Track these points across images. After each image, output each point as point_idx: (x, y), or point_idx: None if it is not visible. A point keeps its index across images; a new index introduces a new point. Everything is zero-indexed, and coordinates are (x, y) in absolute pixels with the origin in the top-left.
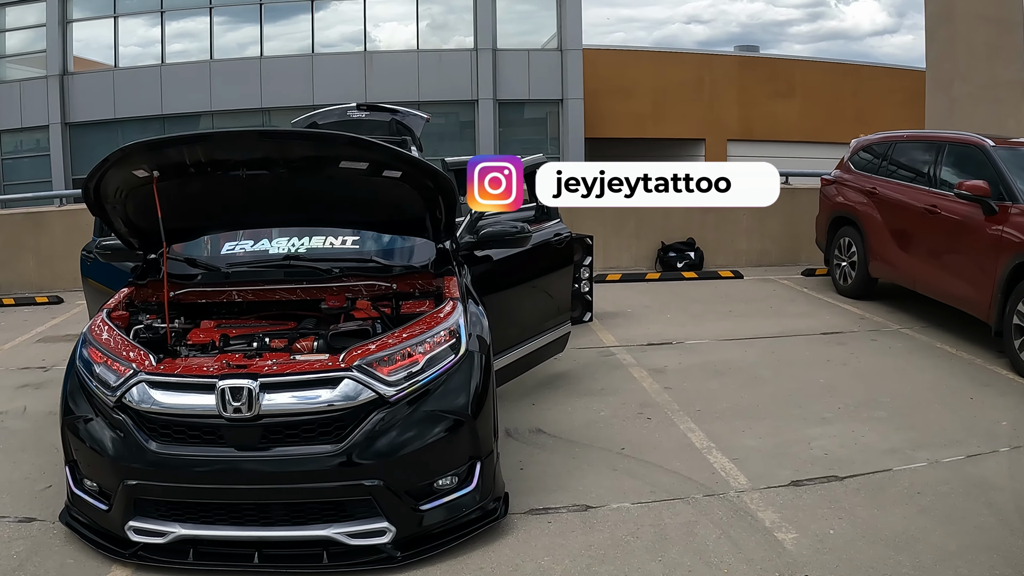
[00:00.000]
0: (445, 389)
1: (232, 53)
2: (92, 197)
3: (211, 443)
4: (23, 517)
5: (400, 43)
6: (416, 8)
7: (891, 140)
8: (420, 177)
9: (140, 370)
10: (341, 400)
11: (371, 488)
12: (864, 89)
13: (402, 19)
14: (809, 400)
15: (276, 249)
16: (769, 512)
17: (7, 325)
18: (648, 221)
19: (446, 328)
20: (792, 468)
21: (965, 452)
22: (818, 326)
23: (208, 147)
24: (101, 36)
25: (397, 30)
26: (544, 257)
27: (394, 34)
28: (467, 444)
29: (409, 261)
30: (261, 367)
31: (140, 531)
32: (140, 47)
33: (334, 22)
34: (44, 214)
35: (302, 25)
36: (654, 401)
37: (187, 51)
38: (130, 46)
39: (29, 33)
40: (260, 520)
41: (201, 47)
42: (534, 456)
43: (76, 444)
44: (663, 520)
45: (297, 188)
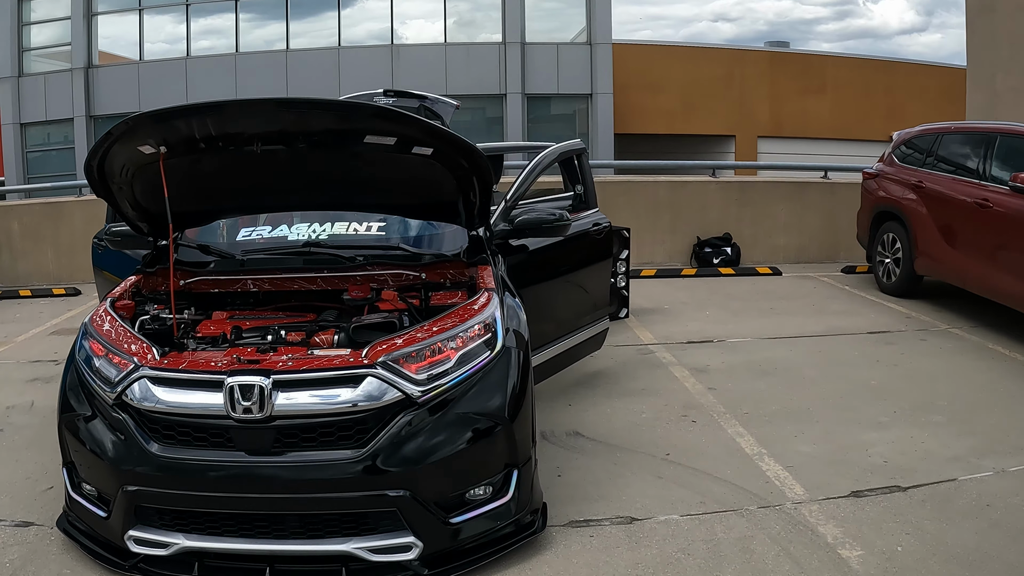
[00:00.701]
0: (479, 389)
1: (258, 48)
2: (96, 176)
3: (219, 446)
4: (21, 521)
5: (427, 37)
6: (444, 5)
7: (937, 132)
8: (454, 155)
9: (142, 364)
10: (363, 400)
11: (396, 499)
12: (896, 86)
13: (429, 16)
14: (862, 403)
15: (295, 235)
16: (830, 526)
17: (23, 317)
18: (684, 215)
19: (480, 321)
20: (851, 477)
21: None
22: (864, 325)
23: (220, 118)
24: (126, 33)
25: (424, 27)
26: (582, 248)
27: (421, 31)
28: (503, 450)
29: (439, 249)
30: (275, 363)
31: (141, 541)
32: (166, 43)
33: (361, 19)
34: (63, 204)
35: (329, 22)
36: (698, 403)
37: (213, 47)
38: (156, 43)
39: (54, 26)
40: (272, 532)
41: (227, 44)
42: (572, 461)
43: (74, 445)
44: (716, 535)
45: (317, 166)
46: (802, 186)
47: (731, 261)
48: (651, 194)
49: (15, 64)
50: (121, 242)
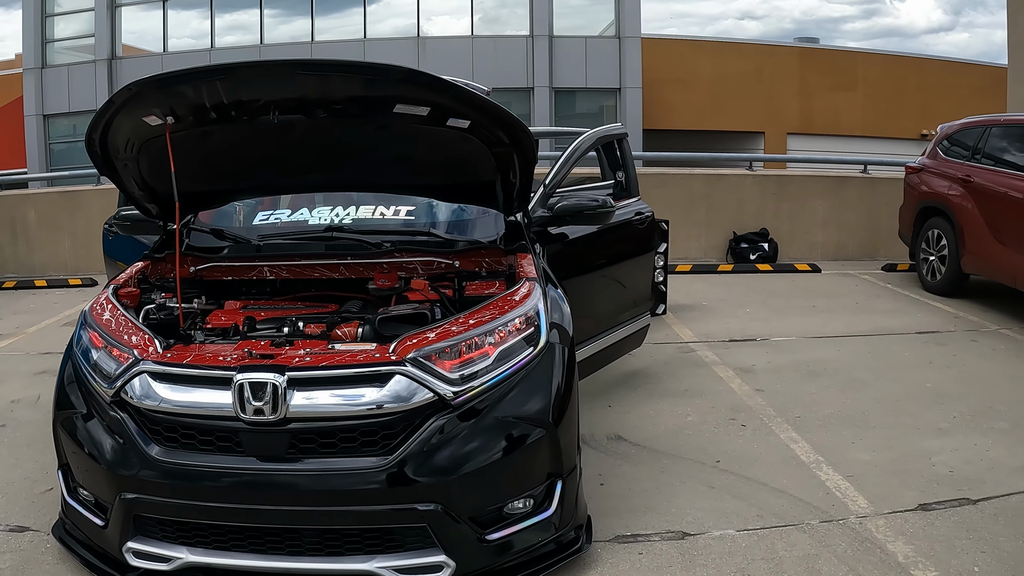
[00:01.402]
0: (520, 390)
1: (283, 41)
2: (99, 151)
3: (227, 451)
4: (15, 526)
5: (454, 29)
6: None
7: (986, 125)
8: (493, 128)
9: (142, 358)
10: (391, 401)
11: (426, 513)
12: (927, 83)
13: (455, 12)
14: (919, 407)
15: (317, 219)
16: (900, 543)
17: (36, 308)
18: (720, 209)
19: (522, 314)
20: (916, 488)
21: None
22: (911, 324)
23: (231, 83)
24: (150, 26)
25: (450, 22)
26: (624, 238)
27: (447, 25)
28: (546, 458)
29: (474, 235)
30: (290, 358)
31: (140, 554)
32: (190, 37)
33: (387, 14)
34: (80, 193)
35: (354, 17)
36: (746, 405)
37: (237, 41)
38: (182, 38)
39: (78, 18)
40: (286, 548)
41: (252, 37)
42: (616, 469)
43: (69, 446)
44: (777, 552)
45: (340, 140)
46: (842, 180)
47: (768, 257)
48: (686, 187)
49: (39, 55)
50: (131, 226)
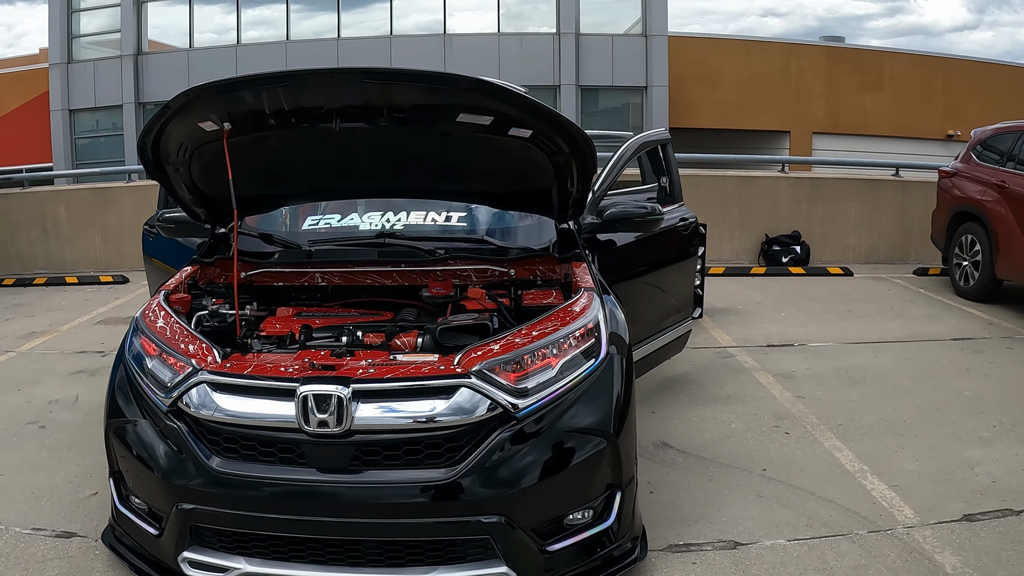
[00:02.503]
0: (583, 401)
1: (308, 37)
2: (150, 156)
3: (288, 463)
4: (62, 531)
5: (480, 27)
6: None
7: (1021, 130)
8: (555, 138)
9: (201, 367)
10: (456, 414)
11: (490, 525)
12: (955, 83)
13: (480, 8)
14: (960, 416)
15: (368, 225)
16: (947, 554)
17: (68, 305)
18: (753, 211)
19: (583, 325)
20: (961, 499)
21: None
22: (947, 331)
23: (294, 90)
24: (176, 21)
25: (473, 20)
26: (669, 244)
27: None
28: (607, 469)
29: (527, 242)
30: (354, 369)
31: (196, 564)
32: (216, 32)
33: (411, 10)
34: (111, 190)
35: (379, 13)
36: (789, 412)
37: (263, 36)
38: (205, 32)
39: (104, 13)
40: (347, 559)
41: (277, 33)
42: (664, 476)
43: (123, 454)
44: (828, 563)
45: (400, 147)
46: (875, 183)
47: (800, 260)
48: (720, 188)
49: (65, 51)
50: (174, 229)
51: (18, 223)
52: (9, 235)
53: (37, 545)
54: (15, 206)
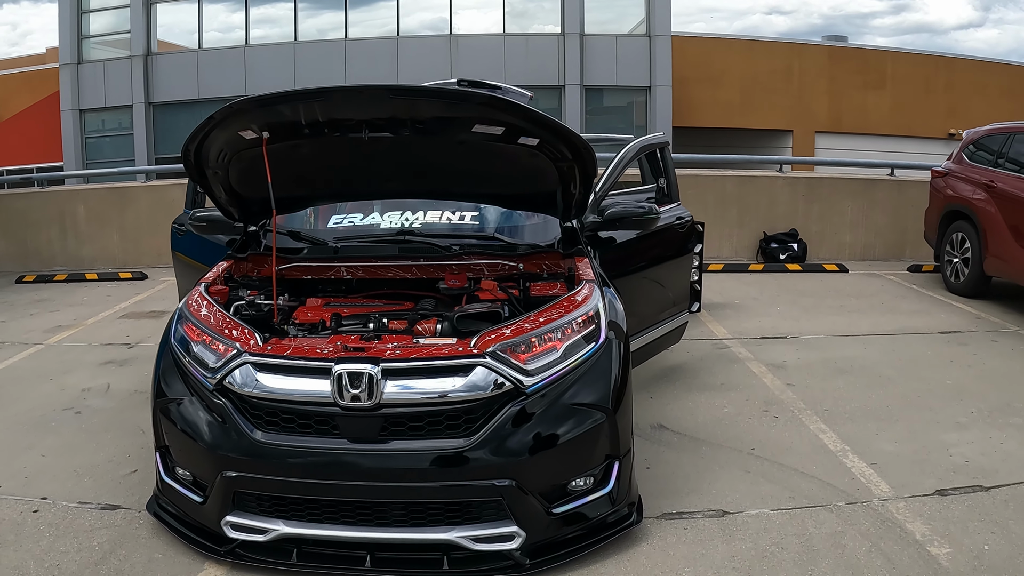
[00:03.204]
0: (584, 380)
1: (316, 37)
2: (192, 161)
3: (323, 434)
4: (107, 504)
5: (486, 27)
6: None
7: (1009, 132)
8: (559, 146)
9: (245, 350)
10: (473, 390)
11: (502, 488)
12: (957, 83)
13: (485, 7)
14: (940, 403)
15: (387, 224)
16: (918, 523)
17: (91, 300)
18: (751, 210)
19: (584, 313)
20: (935, 476)
21: None
22: (935, 324)
23: (329, 104)
24: (184, 21)
25: (479, 19)
26: (666, 242)
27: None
28: (606, 441)
29: (533, 239)
30: (382, 351)
31: (238, 527)
32: (223, 32)
33: (418, 9)
34: (130, 189)
35: (385, 11)
36: (778, 399)
37: (271, 36)
38: (212, 31)
39: (113, 14)
40: (374, 520)
41: (285, 32)
42: (660, 455)
43: (169, 429)
44: (807, 529)
45: (420, 154)
46: (870, 183)
47: (797, 257)
48: (719, 188)
49: (74, 51)
50: (206, 227)
51: (37, 222)
52: (28, 233)
53: (84, 516)
54: (34, 205)
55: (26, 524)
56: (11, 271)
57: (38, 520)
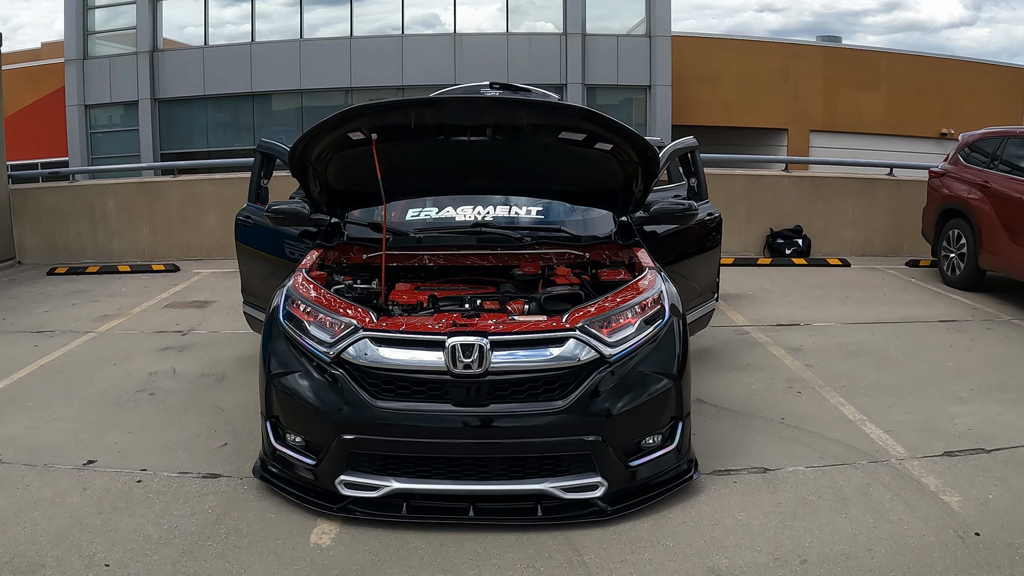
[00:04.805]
0: (654, 351)
1: (321, 35)
2: (299, 157)
3: (435, 399)
4: (207, 473)
5: (489, 26)
6: None
7: (1003, 135)
8: (630, 151)
9: (361, 326)
10: (567, 359)
11: (591, 443)
12: (950, 83)
13: (490, 2)
14: (943, 381)
15: (462, 217)
16: (931, 478)
17: (129, 291)
18: (759, 207)
19: (651, 295)
20: (943, 440)
21: None
22: (935, 314)
23: (440, 111)
24: (191, 17)
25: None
26: (699, 236)
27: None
28: (672, 404)
29: (594, 232)
30: (487, 326)
31: (352, 485)
32: (231, 28)
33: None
34: (159, 184)
35: (391, 5)
36: (800, 377)
37: (277, 33)
38: (220, 25)
39: (120, 10)
40: (478, 474)
41: (291, 30)
42: (703, 424)
43: (282, 399)
44: (838, 483)
45: (508, 155)
46: (871, 182)
47: (802, 252)
48: (729, 186)
49: (81, 47)
50: (283, 219)
51: (67, 215)
52: (58, 226)
53: (189, 485)
54: (63, 199)
55: (133, 493)
56: (42, 264)
57: (144, 489)
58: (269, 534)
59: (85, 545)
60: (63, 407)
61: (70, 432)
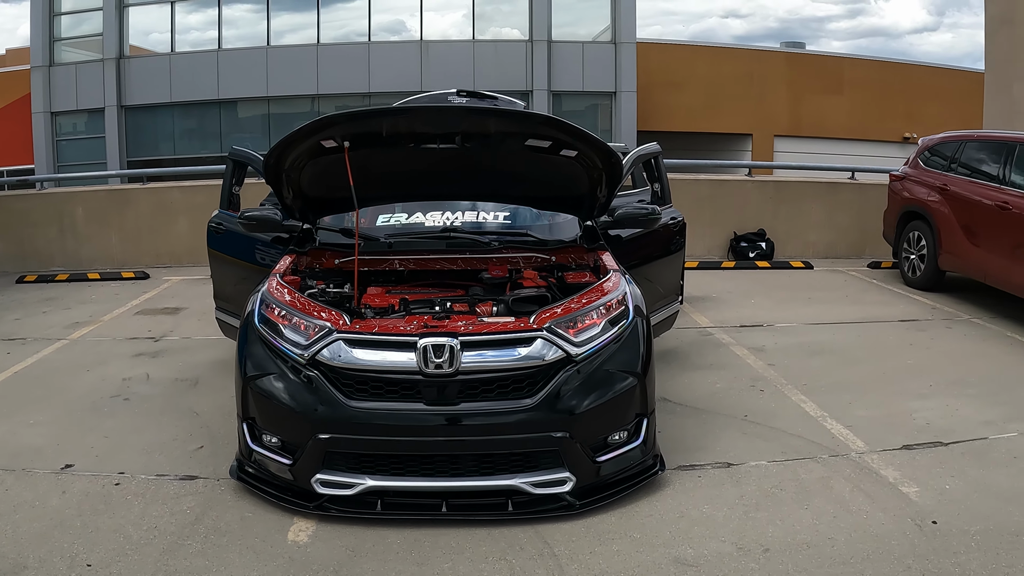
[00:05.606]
0: (619, 350)
1: (288, 42)
2: (273, 164)
3: (407, 398)
4: (184, 475)
5: (455, 33)
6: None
7: (961, 139)
8: (595, 157)
9: (335, 329)
10: (534, 358)
11: (559, 440)
12: (913, 88)
13: (456, 9)
14: (904, 378)
15: (431, 222)
16: (890, 470)
17: (100, 298)
18: (723, 211)
19: (616, 297)
20: (902, 435)
21: None
22: (895, 314)
23: (412, 120)
24: (157, 24)
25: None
26: (663, 239)
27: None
28: (637, 401)
29: (559, 236)
30: (457, 327)
31: (327, 483)
32: (196, 35)
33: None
34: (129, 191)
35: (358, 12)
36: (762, 376)
37: (244, 40)
38: (186, 31)
39: (86, 17)
40: (450, 471)
41: (258, 37)
42: (668, 421)
43: (258, 401)
44: (800, 476)
45: (475, 161)
46: (834, 186)
47: (765, 255)
48: (694, 191)
49: (46, 53)
50: (255, 226)
51: (36, 223)
52: (26, 234)
53: (167, 487)
54: (32, 206)
55: (112, 495)
56: (10, 271)
57: (123, 491)
58: (248, 532)
59: (67, 546)
60: (40, 412)
61: (48, 437)
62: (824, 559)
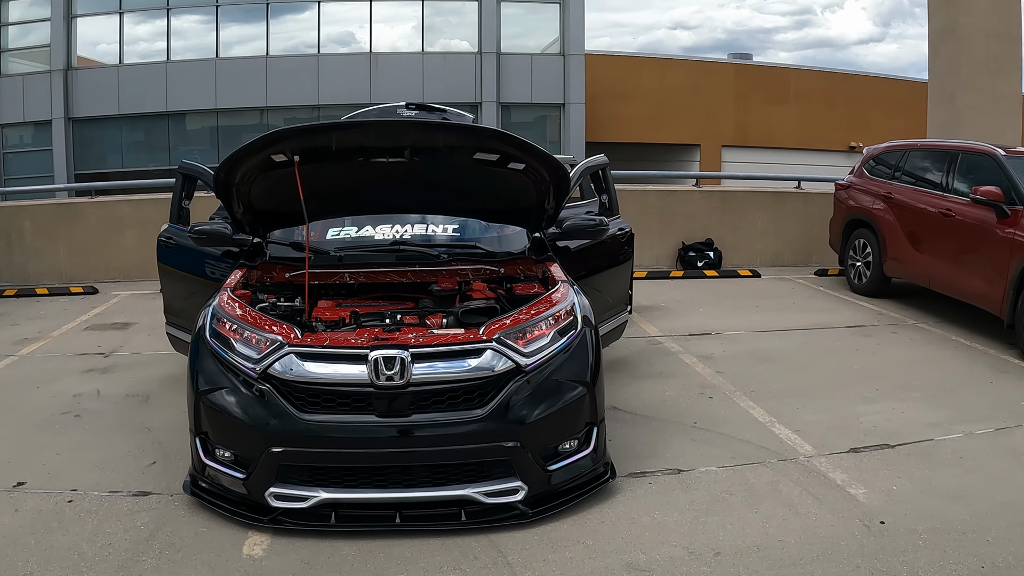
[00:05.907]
0: (568, 360)
1: (237, 54)
2: (223, 178)
3: (359, 411)
4: (138, 491)
5: (405, 45)
6: (422, 12)
7: (905, 148)
8: (542, 170)
9: (287, 342)
10: (484, 369)
11: (510, 449)
12: (858, 98)
13: (406, 21)
14: (850, 383)
15: (381, 236)
16: (838, 473)
17: (48, 313)
18: (671, 222)
19: (564, 307)
20: (849, 438)
21: (994, 426)
22: (842, 320)
23: (360, 134)
24: (106, 35)
25: (400, 34)
26: (612, 250)
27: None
28: (587, 410)
29: (508, 248)
30: (407, 339)
31: (281, 497)
32: (145, 46)
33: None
34: (78, 205)
35: (307, 24)
36: (711, 383)
37: (192, 52)
38: (135, 43)
39: (33, 28)
40: (403, 482)
41: (207, 49)
42: (618, 430)
43: (210, 416)
44: (749, 480)
45: (423, 175)
46: (780, 195)
47: (713, 264)
48: (641, 201)
49: None
50: (206, 240)
51: None
52: None
53: (120, 503)
54: None
55: (65, 513)
56: None
57: (76, 508)
58: (202, 547)
59: (20, 565)
60: None
61: None
62: (774, 561)
